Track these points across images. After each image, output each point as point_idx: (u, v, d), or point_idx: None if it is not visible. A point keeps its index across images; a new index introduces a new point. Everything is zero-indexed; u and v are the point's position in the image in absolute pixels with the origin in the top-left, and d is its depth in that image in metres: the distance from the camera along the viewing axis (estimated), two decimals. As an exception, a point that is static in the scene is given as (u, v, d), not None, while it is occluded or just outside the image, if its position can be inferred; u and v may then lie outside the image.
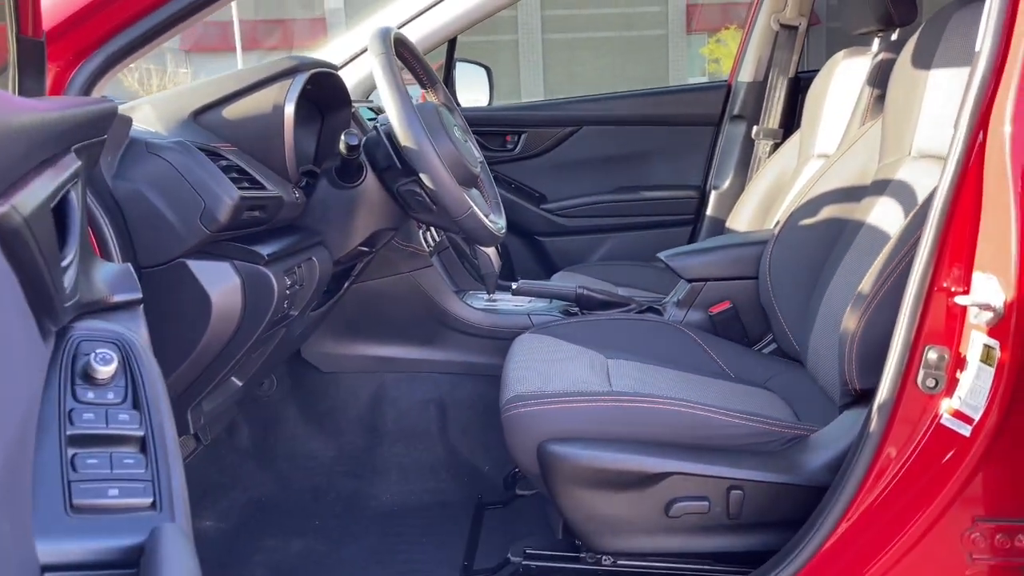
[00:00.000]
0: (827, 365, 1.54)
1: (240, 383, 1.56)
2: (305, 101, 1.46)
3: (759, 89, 2.77)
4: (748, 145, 2.79)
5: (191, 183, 1.19)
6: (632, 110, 2.94)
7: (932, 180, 1.50)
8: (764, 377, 1.69)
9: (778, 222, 1.94)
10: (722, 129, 2.87)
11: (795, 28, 2.68)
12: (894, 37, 2.21)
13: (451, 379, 2.09)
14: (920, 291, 1.15)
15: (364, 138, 1.58)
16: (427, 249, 2.02)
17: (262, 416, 2.08)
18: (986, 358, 1.10)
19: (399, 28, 2.64)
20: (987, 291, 1.09)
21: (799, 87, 2.71)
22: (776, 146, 2.69)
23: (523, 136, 2.89)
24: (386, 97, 1.46)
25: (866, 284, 1.34)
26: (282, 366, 2.05)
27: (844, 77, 2.31)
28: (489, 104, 2.92)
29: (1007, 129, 1.07)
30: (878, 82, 2.04)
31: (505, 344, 1.76)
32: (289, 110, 1.38)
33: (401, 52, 1.63)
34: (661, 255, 2.02)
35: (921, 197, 1.50)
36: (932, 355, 1.15)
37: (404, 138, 1.46)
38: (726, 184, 2.82)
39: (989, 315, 1.08)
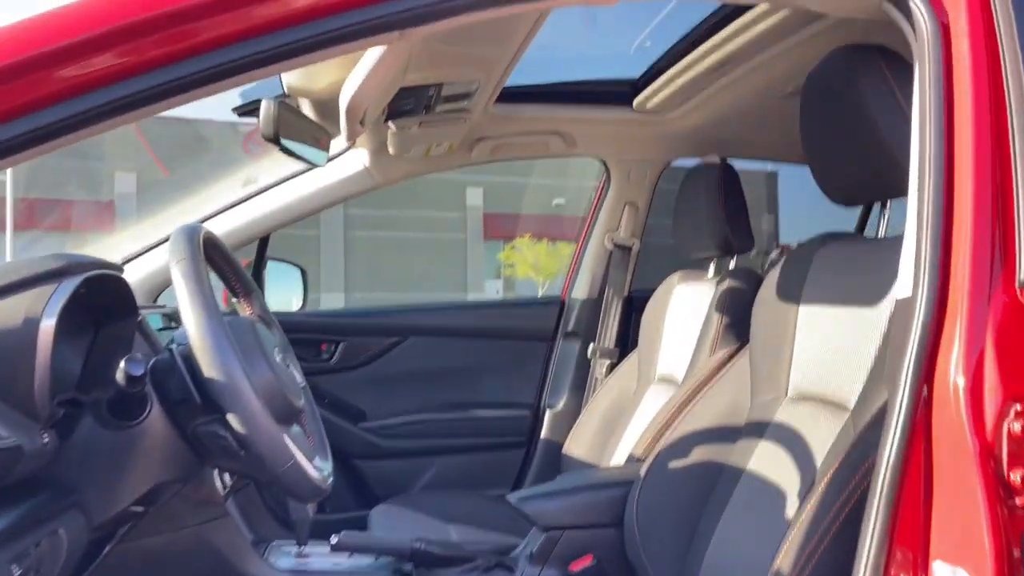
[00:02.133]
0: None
1: None
2: (75, 306, 1.09)
3: (594, 306, 2.67)
4: (584, 363, 2.65)
5: None
6: (462, 321, 2.74)
7: (815, 424, 1.38)
8: (644, 657, 1.40)
9: (640, 460, 1.74)
10: (556, 345, 2.72)
11: (628, 248, 2.65)
12: (732, 264, 2.20)
13: None
14: (872, 582, 0.94)
15: (152, 361, 1.21)
16: (221, 493, 1.60)
17: None
18: (963, 673, 0.89)
19: (203, 221, 2.32)
20: (958, 587, 0.89)
21: (632, 306, 2.65)
22: (613, 366, 2.56)
23: (341, 345, 2.58)
24: (189, 313, 1.12)
25: (784, 564, 1.12)
26: None
27: (682, 300, 2.25)
28: (302, 308, 2.61)
29: (960, 380, 0.91)
30: (728, 310, 1.98)
31: None
32: (47, 325, 1.01)
33: (211, 255, 1.31)
34: (510, 498, 1.72)
35: (809, 443, 1.36)
36: (894, 666, 0.92)
37: (209, 367, 1.11)
38: (561, 404, 2.64)
39: (964, 618, 0.88)
